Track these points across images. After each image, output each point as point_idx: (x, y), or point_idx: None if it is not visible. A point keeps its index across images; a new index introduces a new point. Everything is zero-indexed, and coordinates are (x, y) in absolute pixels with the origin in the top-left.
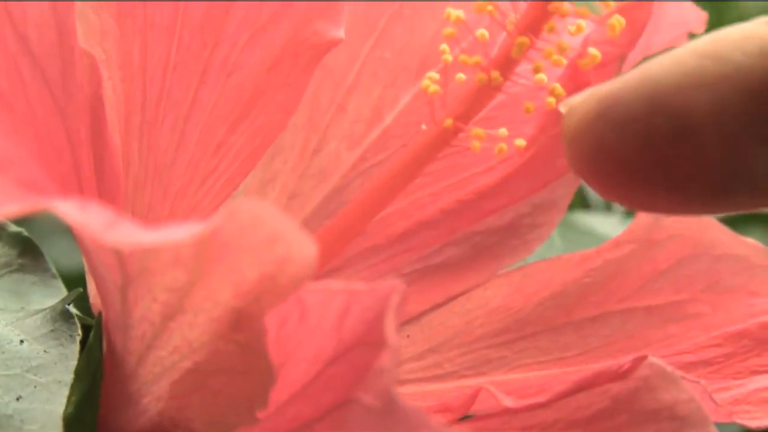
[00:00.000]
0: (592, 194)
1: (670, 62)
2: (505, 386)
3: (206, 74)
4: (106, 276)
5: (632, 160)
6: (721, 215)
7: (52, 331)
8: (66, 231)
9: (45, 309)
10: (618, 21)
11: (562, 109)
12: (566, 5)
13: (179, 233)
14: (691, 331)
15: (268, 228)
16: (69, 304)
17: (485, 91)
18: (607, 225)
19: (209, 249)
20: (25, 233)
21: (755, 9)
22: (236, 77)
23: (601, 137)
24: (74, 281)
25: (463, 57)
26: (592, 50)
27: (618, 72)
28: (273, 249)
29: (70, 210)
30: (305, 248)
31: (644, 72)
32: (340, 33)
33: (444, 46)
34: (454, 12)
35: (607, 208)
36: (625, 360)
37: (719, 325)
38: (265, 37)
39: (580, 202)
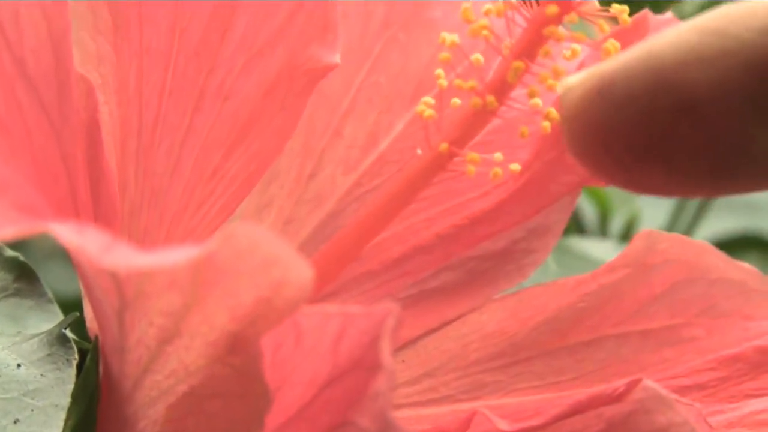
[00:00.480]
0: (588, 219)
1: (673, 38)
2: (500, 410)
3: (202, 99)
4: (103, 300)
5: (633, 138)
6: (717, 240)
7: (48, 355)
8: (62, 257)
9: (42, 333)
10: (613, 45)
11: (560, 89)
12: (561, 30)
13: (175, 257)
14: (686, 355)
15: (263, 252)
16: (65, 329)
17: (480, 116)
18: (602, 250)
19: (205, 273)
20: (22, 258)
21: None
22: (232, 102)
23: (601, 115)
24: (70, 307)
25: (458, 82)
26: None
27: None
28: (269, 273)
29: (67, 233)
30: (301, 272)
31: (646, 48)
32: (336, 58)
33: (439, 71)
34: (449, 37)
35: (602, 233)
36: (619, 383)
37: (714, 349)
38: (261, 62)
39: (575, 227)
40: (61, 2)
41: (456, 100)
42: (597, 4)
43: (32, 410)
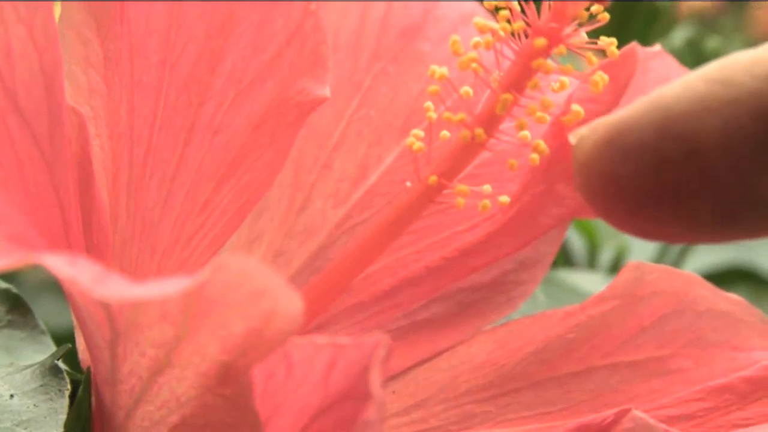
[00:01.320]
0: (576, 252)
1: (680, 88)
2: None
3: (192, 132)
4: (95, 331)
5: (643, 186)
6: (705, 273)
7: (41, 385)
8: (54, 289)
9: (34, 364)
10: (601, 77)
11: (572, 139)
12: (549, 62)
13: (167, 288)
14: (674, 386)
15: (254, 283)
16: (58, 360)
17: (469, 149)
18: (591, 282)
19: (196, 304)
20: (15, 290)
21: None
22: (222, 135)
23: (611, 163)
24: (63, 339)
25: (447, 114)
26: (576, 107)
27: None
28: (259, 304)
29: (60, 264)
30: (291, 303)
31: (654, 99)
32: (326, 92)
33: (428, 104)
34: (439, 70)
35: (591, 265)
36: (608, 413)
37: (702, 380)
38: (251, 95)
39: (564, 260)
40: (52, 36)
41: (445, 133)
42: (585, 36)
43: None
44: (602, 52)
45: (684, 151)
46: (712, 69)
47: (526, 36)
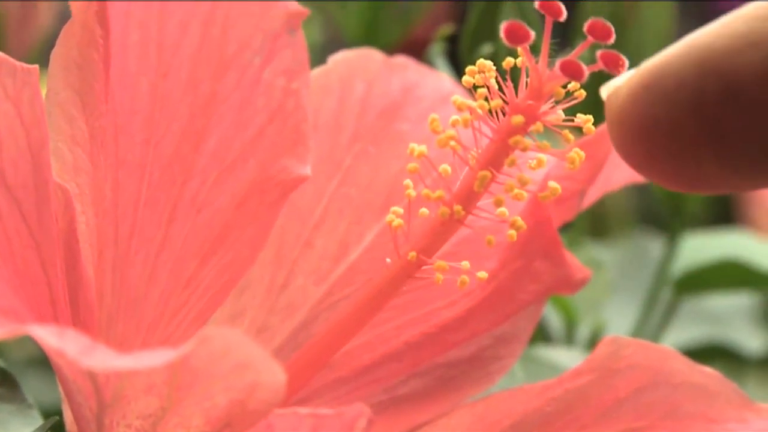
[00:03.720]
0: (554, 328)
1: (718, 27)
2: None
3: (176, 210)
4: (82, 403)
5: (683, 127)
6: (682, 350)
7: None
8: (41, 364)
9: None
10: (578, 154)
11: (604, 93)
12: (527, 139)
13: (153, 359)
14: None
15: (238, 355)
16: None
17: (448, 225)
18: (569, 358)
19: (181, 375)
20: (2, 364)
21: None
22: (206, 213)
23: (649, 107)
24: (50, 413)
25: (426, 191)
26: (553, 184)
27: (578, 208)
28: (243, 376)
29: (47, 336)
30: (274, 375)
31: (691, 39)
32: (307, 170)
33: (408, 182)
34: (418, 148)
35: (568, 341)
36: None
37: None
38: (234, 174)
39: (542, 336)
40: (39, 113)
41: (424, 210)
42: (562, 113)
43: None
44: (579, 129)
45: (726, 89)
46: (750, 8)
47: (504, 114)
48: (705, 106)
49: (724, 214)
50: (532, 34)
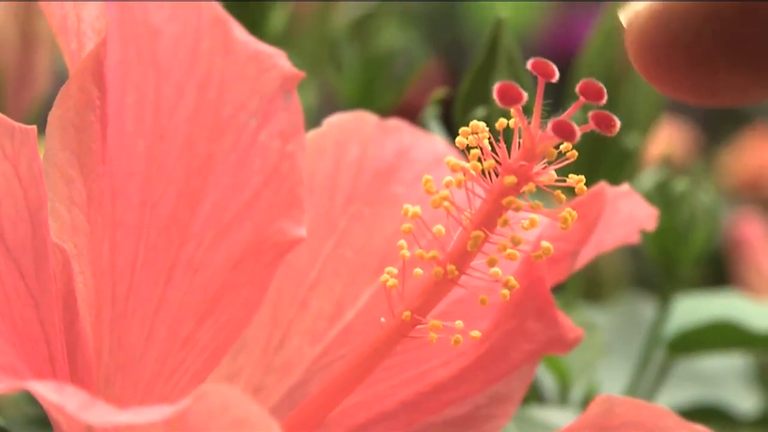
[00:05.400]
0: (547, 388)
1: None
2: None
3: (173, 271)
4: None
5: (699, 40)
6: (675, 411)
7: None
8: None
9: None
10: (570, 215)
11: (623, 17)
12: (519, 200)
13: (151, 414)
14: None
15: (235, 412)
16: None
17: (442, 285)
18: (562, 418)
19: (179, 430)
20: (1, 422)
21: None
22: (202, 274)
23: (668, 25)
24: None
25: (420, 252)
26: (545, 243)
27: (571, 269)
28: None
29: (47, 391)
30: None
31: None
32: (302, 232)
33: (402, 242)
34: (412, 208)
35: (562, 402)
36: None
37: None
38: (230, 235)
39: (535, 397)
40: (37, 173)
41: (418, 270)
42: (554, 174)
43: None
44: (571, 190)
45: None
46: None
47: (497, 174)
48: (721, 18)
49: (717, 276)
50: (525, 95)
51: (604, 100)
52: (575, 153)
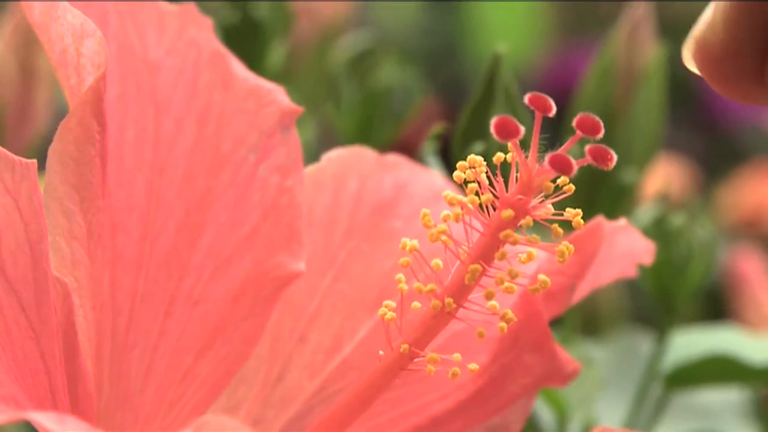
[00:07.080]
0: (545, 423)
1: None
2: None
3: (173, 305)
4: None
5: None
6: None
7: None
8: None
9: None
10: (567, 249)
11: (697, 33)
12: (517, 234)
13: None
14: None
15: None
16: None
17: (439, 318)
18: None
19: None
20: None
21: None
22: (202, 308)
23: (737, 35)
24: None
25: (418, 285)
26: (543, 277)
27: (569, 303)
28: None
29: (47, 421)
30: None
31: None
32: (301, 266)
33: (400, 276)
34: (410, 242)
35: None
36: None
37: None
38: (229, 269)
39: (533, 429)
40: (37, 207)
41: (416, 303)
42: (551, 208)
43: None
44: (569, 224)
45: None
46: None
47: (494, 208)
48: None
49: (715, 312)
50: (522, 129)
51: (601, 135)
52: (572, 187)
